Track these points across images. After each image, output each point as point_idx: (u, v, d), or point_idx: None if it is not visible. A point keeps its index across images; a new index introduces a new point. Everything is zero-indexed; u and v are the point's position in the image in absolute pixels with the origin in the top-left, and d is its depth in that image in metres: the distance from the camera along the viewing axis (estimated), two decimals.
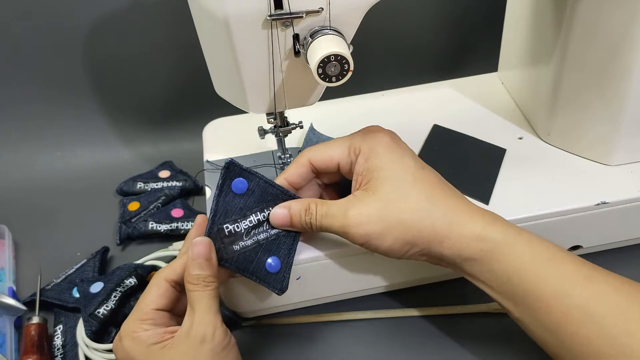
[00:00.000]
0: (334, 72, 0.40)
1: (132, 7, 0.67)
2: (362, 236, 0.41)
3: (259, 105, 0.47)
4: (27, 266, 0.62)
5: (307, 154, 0.45)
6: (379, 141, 0.43)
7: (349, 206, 0.42)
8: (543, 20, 0.54)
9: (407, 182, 0.42)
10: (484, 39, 0.75)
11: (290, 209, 0.44)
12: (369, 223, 0.41)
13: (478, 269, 0.41)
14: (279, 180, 0.46)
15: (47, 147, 0.75)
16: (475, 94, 0.65)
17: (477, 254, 0.40)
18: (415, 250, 0.42)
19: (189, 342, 0.38)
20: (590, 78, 0.51)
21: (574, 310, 0.38)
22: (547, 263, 0.39)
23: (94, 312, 0.52)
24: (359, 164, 0.43)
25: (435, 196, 0.42)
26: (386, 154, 0.42)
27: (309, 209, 0.43)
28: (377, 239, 0.41)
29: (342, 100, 0.66)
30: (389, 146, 0.43)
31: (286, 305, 0.54)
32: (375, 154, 0.42)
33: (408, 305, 0.54)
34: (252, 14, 0.40)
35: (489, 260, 0.40)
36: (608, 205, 0.50)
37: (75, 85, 0.72)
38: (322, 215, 0.43)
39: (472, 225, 0.41)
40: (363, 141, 0.43)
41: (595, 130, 0.53)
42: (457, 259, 0.41)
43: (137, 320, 0.40)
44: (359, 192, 0.43)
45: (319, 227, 0.43)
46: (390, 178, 0.42)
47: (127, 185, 0.69)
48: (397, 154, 0.43)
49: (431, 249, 0.41)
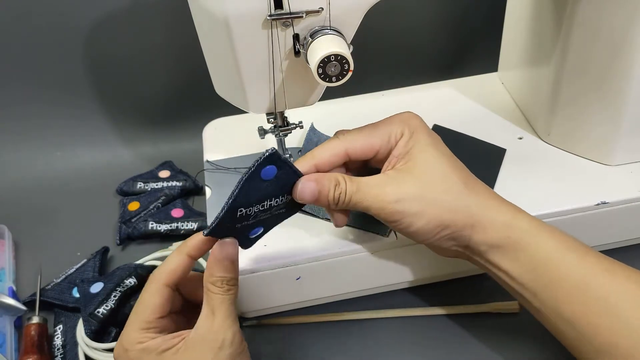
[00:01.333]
0: (334, 72, 0.40)
1: (132, 7, 0.67)
2: (399, 212, 0.41)
3: (259, 105, 0.47)
4: (27, 266, 0.62)
5: (342, 144, 0.44)
6: (417, 126, 0.44)
7: (385, 182, 0.42)
8: (543, 20, 0.54)
9: (445, 166, 0.42)
10: (484, 39, 0.75)
11: (318, 182, 0.42)
12: (408, 200, 0.41)
13: (503, 256, 0.41)
14: (307, 163, 0.43)
15: (47, 147, 0.75)
16: (475, 94, 0.65)
17: (505, 241, 0.41)
18: (446, 233, 0.42)
19: (206, 346, 0.37)
20: (590, 78, 0.51)
21: (595, 301, 0.38)
22: (570, 254, 0.40)
23: (94, 312, 0.52)
24: (399, 147, 0.43)
25: (470, 182, 0.43)
26: (424, 138, 0.43)
27: (338, 183, 0.42)
28: (412, 217, 0.41)
29: (342, 100, 0.66)
30: (426, 131, 0.44)
31: (286, 305, 0.54)
32: (416, 137, 0.43)
33: (410, 305, 0.54)
34: (252, 13, 0.40)
35: (515, 248, 0.41)
36: (608, 205, 0.50)
37: (75, 85, 0.72)
38: (354, 191, 0.42)
39: (503, 213, 0.42)
40: (405, 126, 0.44)
41: (596, 130, 0.53)
42: (483, 245, 0.41)
43: (139, 330, 0.39)
44: (391, 172, 0.43)
45: (347, 202, 0.42)
46: (429, 160, 0.42)
47: (127, 185, 0.69)
48: (433, 140, 0.44)
49: (462, 233, 0.41)
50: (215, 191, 0.55)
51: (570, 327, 0.39)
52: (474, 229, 0.41)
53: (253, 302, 0.51)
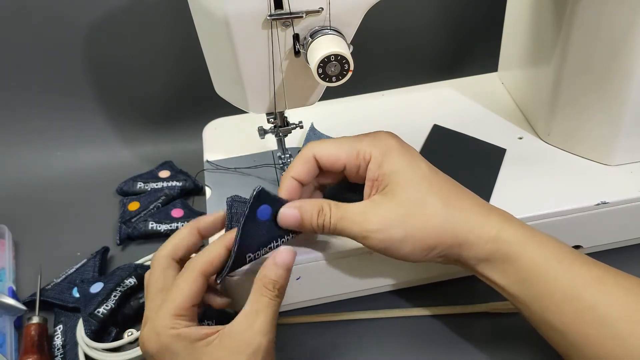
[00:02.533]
0: (334, 72, 0.40)
1: (132, 7, 0.67)
2: (382, 241, 0.41)
3: (259, 105, 0.47)
4: (27, 266, 0.62)
5: (311, 149, 0.44)
6: (390, 147, 0.42)
7: (368, 210, 0.41)
8: (543, 20, 0.54)
9: (424, 187, 0.41)
10: (484, 39, 0.75)
11: (301, 209, 0.42)
12: (390, 228, 0.40)
13: (492, 270, 0.41)
14: (286, 180, 0.44)
15: (47, 147, 0.75)
16: (475, 94, 0.65)
17: (493, 255, 0.41)
18: (434, 254, 0.41)
19: (241, 344, 0.37)
20: (590, 78, 0.51)
21: (585, 312, 0.38)
22: (558, 265, 0.39)
23: (94, 312, 0.52)
24: (371, 170, 0.42)
25: (452, 200, 0.41)
26: (399, 159, 0.42)
27: (322, 209, 0.42)
28: (398, 244, 0.41)
29: (342, 100, 0.66)
30: (400, 151, 0.42)
31: (287, 305, 0.54)
32: (388, 159, 0.42)
33: (409, 305, 0.54)
34: (252, 13, 0.40)
35: (503, 261, 0.40)
36: (608, 205, 0.50)
37: (75, 86, 0.72)
38: (339, 218, 0.42)
39: (489, 226, 0.41)
40: (373, 147, 0.42)
41: (596, 130, 0.53)
42: (472, 260, 0.41)
43: (173, 315, 0.38)
44: (377, 197, 0.42)
45: (332, 229, 0.42)
46: (407, 182, 0.41)
47: (127, 185, 0.69)
48: (410, 159, 0.42)
49: (450, 252, 0.41)
50: (215, 191, 0.55)
51: (561, 336, 0.39)
52: (462, 247, 0.41)
53: None
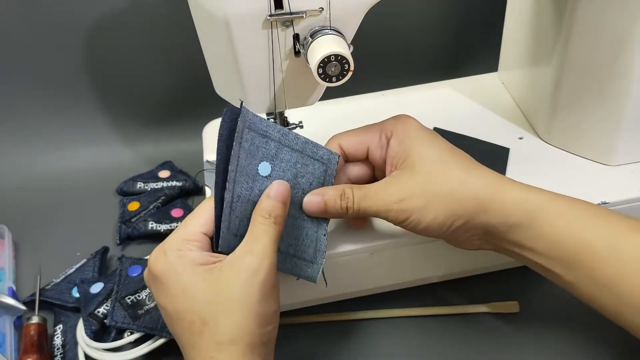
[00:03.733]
0: (334, 72, 0.40)
1: (132, 7, 0.67)
2: (404, 211, 0.41)
3: (259, 105, 0.47)
4: (27, 266, 0.62)
5: (336, 139, 0.46)
6: (411, 125, 0.44)
7: (388, 185, 0.42)
8: (543, 20, 0.54)
9: (444, 158, 0.42)
10: (484, 39, 0.75)
11: (324, 195, 0.43)
12: (411, 197, 0.41)
13: (525, 234, 0.40)
14: None
15: (47, 147, 0.75)
16: (476, 94, 0.65)
17: (523, 218, 0.40)
18: (459, 223, 0.41)
19: (241, 269, 0.37)
20: (590, 78, 0.51)
21: (629, 262, 0.37)
22: (594, 218, 0.39)
23: (94, 312, 0.52)
24: (392, 148, 0.44)
25: (473, 168, 0.42)
26: (419, 135, 0.43)
27: (344, 193, 0.43)
28: (420, 213, 0.41)
29: (342, 100, 0.66)
30: (421, 128, 0.44)
31: (287, 305, 0.53)
32: (409, 136, 0.43)
33: (409, 305, 0.54)
34: (252, 13, 0.40)
35: (536, 223, 0.40)
36: (608, 205, 0.50)
37: (75, 85, 0.72)
38: (361, 198, 0.42)
39: (514, 190, 0.41)
40: (395, 125, 0.44)
41: (596, 130, 0.53)
42: (502, 226, 0.41)
43: (183, 239, 0.39)
44: (395, 172, 0.43)
45: (356, 210, 0.43)
46: (428, 155, 0.42)
47: (127, 185, 0.69)
48: (430, 136, 0.44)
49: (476, 220, 0.41)
50: None
51: (607, 291, 0.38)
52: (488, 213, 0.40)
53: None
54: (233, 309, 0.36)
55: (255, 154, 0.42)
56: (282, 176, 0.43)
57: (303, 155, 0.44)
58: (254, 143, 0.42)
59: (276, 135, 0.43)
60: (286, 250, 0.44)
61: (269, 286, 0.37)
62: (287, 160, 0.43)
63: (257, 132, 0.42)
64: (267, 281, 0.37)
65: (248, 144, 0.41)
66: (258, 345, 0.37)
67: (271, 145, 0.43)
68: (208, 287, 0.37)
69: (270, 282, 0.38)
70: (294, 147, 0.44)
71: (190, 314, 0.37)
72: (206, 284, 0.37)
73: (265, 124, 0.42)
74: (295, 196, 0.44)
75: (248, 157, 0.41)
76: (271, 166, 0.43)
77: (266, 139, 0.42)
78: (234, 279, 0.37)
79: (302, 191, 0.44)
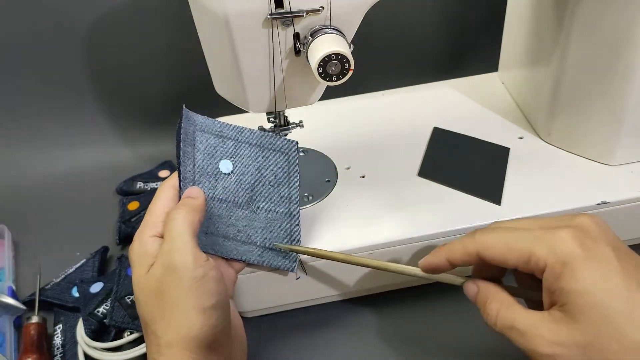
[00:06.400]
0: (334, 71, 0.40)
1: (132, 7, 0.67)
2: (553, 355, 0.33)
3: (259, 104, 0.47)
4: (27, 266, 0.62)
5: (475, 244, 0.38)
6: (571, 255, 0.34)
7: (542, 326, 0.34)
8: (544, 20, 0.54)
9: (618, 313, 0.32)
10: (484, 39, 0.75)
11: (480, 289, 0.39)
12: (566, 357, 0.33)
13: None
14: (440, 256, 0.40)
15: (47, 147, 0.75)
16: (475, 94, 0.65)
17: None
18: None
19: (164, 268, 0.37)
20: (591, 78, 0.51)
21: None
22: None
23: (94, 312, 0.52)
24: (547, 281, 0.35)
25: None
26: (583, 271, 0.33)
27: (490, 306, 0.37)
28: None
29: (342, 100, 0.66)
30: (584, 263, 0.33)
31: (287, 305, 0.53)
32: (569, 272, 0.33)
33: (410, 305, 0.54)
34: (252, 12, 0.40)
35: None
36: (608, 205, 0.50)
37: (75, 86, 0.72)
38: (506, 326, 0.36)
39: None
40: (549, 253, 0.34)
41: (596, 130, 0.53)
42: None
43: (149, 222, 0.40)
44: (556, 313, 0.34)
45: (493, 328, 0.37)
46: (595, 306, 0.32)
47: (127, 185, 0.69)
48: (599, 271, 0.33)
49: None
50: None
51: None
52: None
53: (253, 302, 0.51)
54: (166, 311, 0.37)
55: (213, 153, 0.44)
56: (244, 171, 0.45)
57: (262, 148, 0.46)
58: (210, 144, 0.44)
59: (232, 134, 0.45)
60: (262, 244, 0.45)
61: (197, 281, 0.37)
62: (247, 155, 0.45)
63: (211, 133, 0.44)
64: (194, 277, 0.37)
65: (203, 145, 0.44)
66: (202, 344, 0.36)
67: (229, 144, 0.45)
68: (146, 290, 0.38)
69: (198, 277, 0.37)
70: (252, 142, 0.46)
71: (141, 314, 0.38)
72: (145, 287, 0.38)
73: (218, 125, 0.45)
74: (263, 189, 0.46)
75: (206, 158, 0.44)
76: (232, 163, 0.45)
77: (222, 138, 0.45)
78: (161, 280, 0.37)
79: (268, 183, 0.46)
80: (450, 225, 0.49)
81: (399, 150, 0.58)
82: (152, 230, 0.40)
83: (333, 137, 0.60)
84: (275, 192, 0.46)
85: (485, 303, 0.38)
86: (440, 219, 0.50)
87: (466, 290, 0.40)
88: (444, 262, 0.40)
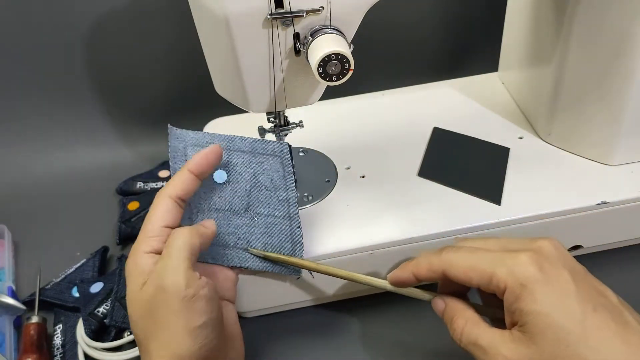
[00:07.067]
0: (334, 71, 0.40)
1: (132, 7, 0.67)
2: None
3: (259, 104, 0.47)
4: (27, 266, 0.62)
5: (441, 264, 0.39)
6: (530, 278, 0.35)
7: (502, 345, 0.35)
8: (544, 20, 0.54)
9: (573, 335, 0.33)
10: (484, 39, 0.75)
11: (447, 306, 0.40)
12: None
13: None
14: (405, 271, 0.41)
15: (47, 147, 0.75)
16: (475, 94, 0.65)
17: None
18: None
19: (151, 288, 0.37)
20: (591, 78, 0.51)
21: None
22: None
23: (94, 312, 0.52)
24: (507, 302, 0.36)
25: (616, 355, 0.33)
26: (541, 294, 0.34)
27: (456, 322, 0.39)
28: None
29: (342, 100, 0.66)
30: (544, 283, 0.34)
31: (287, 305, 0.53)
32: (528, 294, 0.34)
33: (409, 305, 0.54)
34: (252, 12, 0.40)
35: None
36: (608, 205, 0.50)
37: (75, 86, 0.72)
38: (470, 342, 0.37)
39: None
40: (508, 273, 0.35)
41: (596, 131, 0.53)
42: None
43: (147, 237, 0.40)
44: (516, 333, 0.35)
45: (458, 344, 0.38)
46: (552, 328, 0.33)
47: (127, 185, 0.69)
48: (556, 293, 0.34)
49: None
50: None
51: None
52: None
53: (253, 302, 0.51)
54: (157, 329, 0.37)
55: None
56: (239, 179, 0.45)
57: (254, 154, 0.46)
58: None
59: (222, 144, 0.45)
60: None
61: (187, 301, 0.37)
62: (241, 163, 0.46)
63: (202, 146, 0.45)
64: (184, 297, 0.37)
65: None
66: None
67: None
68: (138, 308, 0.38)
69: (188, 296, 0.37)
70: (244, 149, 0.46)
71: (134, 330, 0.39)
72: (137, 305, 0.38)
73: (208, 137, 0.45)
74: (260, 194, 0.46)
75: None
76: (226, 172, 0.45)
77: None
78: (152, 299, 0.37)
79: (265, 188, 0.46)
80: (450, 225, 0.49)
81: (399, 150, 0.58)
82: (146, 247, 0.39)
83: (333, 137, 0.60)
84: (273, 196, 0.46)
85: (452, 319, 0.39)
86: (440, 219, 0.50)
87: (434, 306, 0.42)
88: (411, 276, 0.41)
